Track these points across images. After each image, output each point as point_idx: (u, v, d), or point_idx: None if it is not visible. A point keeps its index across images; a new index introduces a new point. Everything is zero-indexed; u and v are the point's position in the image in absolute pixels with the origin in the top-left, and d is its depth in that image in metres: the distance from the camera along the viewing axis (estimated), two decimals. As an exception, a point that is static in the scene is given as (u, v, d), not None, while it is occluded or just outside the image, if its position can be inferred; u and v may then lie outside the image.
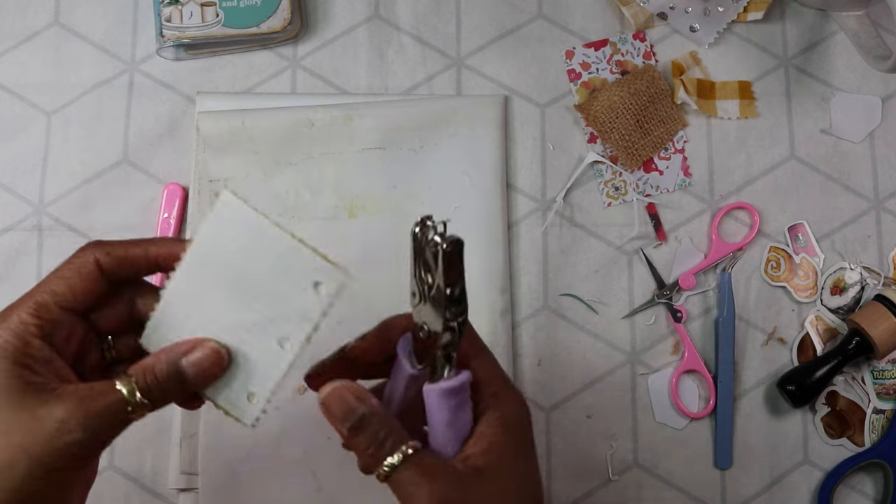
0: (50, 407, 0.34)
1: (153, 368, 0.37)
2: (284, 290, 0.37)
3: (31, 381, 0.35)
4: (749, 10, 0.68)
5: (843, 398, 0.64)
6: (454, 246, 0.36)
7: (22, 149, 0.66)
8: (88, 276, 0.37)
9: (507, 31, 0.69)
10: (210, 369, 0.38)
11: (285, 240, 0.37)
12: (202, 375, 0.38)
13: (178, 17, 0.66)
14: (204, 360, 0.38)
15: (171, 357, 0.37)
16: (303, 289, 0.37)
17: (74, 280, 0.37)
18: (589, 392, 0.64)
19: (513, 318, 0.64)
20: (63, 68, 0.68)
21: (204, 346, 0.38)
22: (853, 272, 0.65)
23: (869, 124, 0.68)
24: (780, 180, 0.67)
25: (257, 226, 0.37)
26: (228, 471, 0.61)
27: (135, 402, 0.36)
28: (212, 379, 0.38)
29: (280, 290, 0.37)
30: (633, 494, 0.63)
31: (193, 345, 0.38)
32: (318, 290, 0.37)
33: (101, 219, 0.65)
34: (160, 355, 0.38)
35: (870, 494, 0.63)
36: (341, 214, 0.64)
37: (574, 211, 0.66)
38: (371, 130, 0.65)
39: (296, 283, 0.37)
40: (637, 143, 0.66)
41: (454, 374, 0.38)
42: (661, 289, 0.65)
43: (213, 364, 0.38)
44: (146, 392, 0.36)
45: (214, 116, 0.65)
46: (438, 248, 0.36)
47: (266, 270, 0.37)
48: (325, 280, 0.37)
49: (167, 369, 0.37)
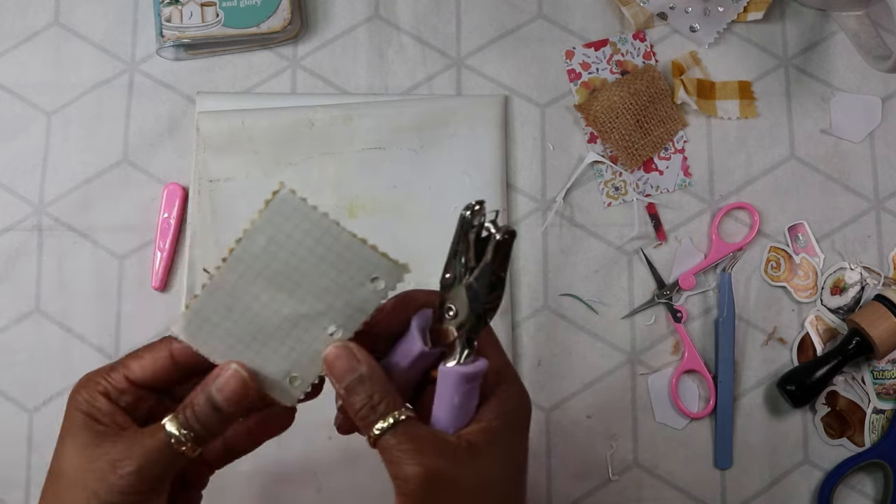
0: (106, 448, 0.38)
1: (192, 402, 0.39)
2: (339, 284, 0.38)
3: (94, 429, 0.38)
4: (749, 10, 0.68)
5: (843, 398, 0.64)
6: (510, 236, 0.37)
7: (22, 149, 0.66)
8: (160, 360, 0.40)
9: (507, 31, 0.69)
10: (236, 394, 0.39)
11: (346, 238, 0.37)
12: (232, 401, 0.39)
13: (178, 17, 0.66)
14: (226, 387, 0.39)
15: (205, 388, 0.39)
16: (360, 283, 0.38)
17: (147, 362, 0.40)
18: (589, 392, 0.64)
19: (513, 318, 0.64)
20: (63, 68, 0.68)
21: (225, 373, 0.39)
22: (853, 272, 0.65)
23: (869, 124, 0.68)
24: (780, 180, 0.67)
25: (317, 223, 0.37)
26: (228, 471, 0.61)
27: (178, 437, 0.38)
28: (245, 402, 0.39)
29: (335, 284, 0.38)
30: (633, 494, 0.63)
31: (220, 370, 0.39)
32: (375, 284, 0.38)
33: (101, 219, 0.65)
34: (198, 389, 0.39)
35: (870, 494, 0.63)
36: (341, 214, 0.64)
37: (574, 211, 0.66)
38: (371, 130, 0.65)
39: (352, 278, 0.38)
40: (637, 143, 0.66)
41: (472, 359, 0.38)
42: (661, 289, 0.65)
43: (235, 388, 0.39)
44: (187, 426, 0.38)
45: (214, 116, 0.65)
46: (493, 236, 0.37)
47: (322, 267, 0.37)
48: (383, 276, 0.38)
49: (200, 400, 0.39)
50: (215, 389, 0.39)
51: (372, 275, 0.38)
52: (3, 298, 0.64)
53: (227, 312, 0.39)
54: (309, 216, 0.37)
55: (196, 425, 0.38)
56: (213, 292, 0.38)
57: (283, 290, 0.38)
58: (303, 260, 0.37)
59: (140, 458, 0.38)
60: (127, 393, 0.40)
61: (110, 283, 0.65)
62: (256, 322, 0.39)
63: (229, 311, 0.39)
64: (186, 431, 0.38)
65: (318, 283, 0.38)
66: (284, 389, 0.40)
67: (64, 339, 0.64)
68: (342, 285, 0.38)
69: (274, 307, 0.38)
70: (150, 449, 0.38)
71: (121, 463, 0.37)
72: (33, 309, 0.64)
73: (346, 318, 0.38)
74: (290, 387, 0.40)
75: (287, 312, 0.38)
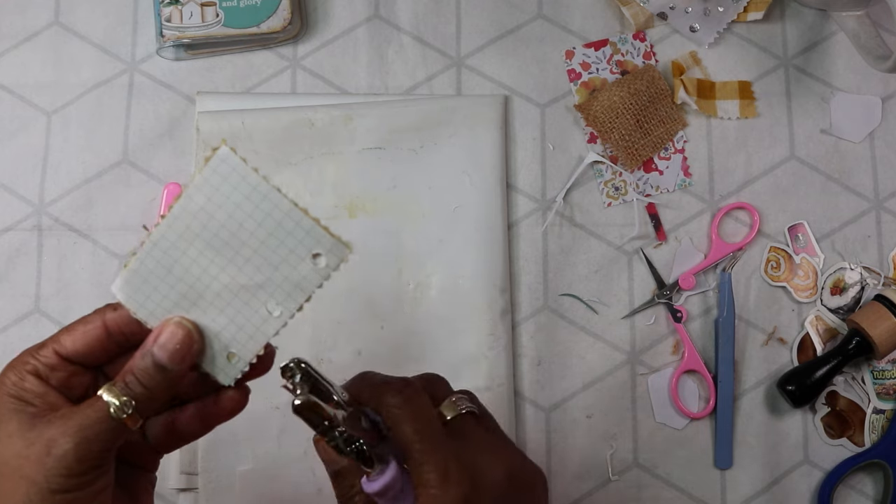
0: (39, 430, 0.36)
1: (132, 367, 0.37)
2: (280, 256, 0.37)
3: (25, 411, 0.36)
4: (749, 10, 0.68)
5: (843, 398, 0.64)
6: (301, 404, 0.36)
7: (22, 149, 0.66)
8: (92, 333, 0.38)
9: (507, 31, 0.69)
10: (182, 349, 0.37)
11: (286, 206, 0.36)
12: (178, 357, 0.37)
13: (178, 17, 0.66)
14: (171, 340, 0.37)
15: (145, 350, 0.37)
16: (300, 258, 0.37)
17: (78, 336, 0.38)
18: (589, 392, 0.64)
19: (513, 318, 0.64)
20: (63, 68, 0.68)
21: (168, 326, 0.37)
22: (853, 272, 0.65)
23: (869, 124, 0.68)
24: (780, 180, 0.67)
25: (257, 187, 0.36)
26: (228, 471, 0.61)
27: (119, 406, 0.36)
28: (190, 358, 0.37)
29: (275, 256, 0.37)
30: (633, 494, 0.63)
31: (160, 328, 0.37)
32: (316, 261, 0.37)
33: (101, 219, 0.65)
34: (137, 353, 0.37)
35: (870, 494, 0.63)
36: (341, 214, 0.64)
37: (574, 211, 0.66)
38: (371, 130, 0.65)
39: (293, 251, 0.37)
40: (637, 143, 0.66)
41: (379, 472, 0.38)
42: (661, 289, 0.65)
43: (182, 343, 0.37)
44: (128, 392, 0.36)
45: (214, 116, 0.65)
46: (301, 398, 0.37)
47: (261, 234, 0.36)
48: (325, 252, 0.37)
49: (142, 363, 0.37)
50: (157, 347, 0.37)
51: (313, 250, 0.37)
52: (3, 298, 0.64)
53: (165, 273, 0.37)
54: (247, 178, 0.36)
55: (138, 389, 0.36)
56: (152, 251, 0.37)
57: (222, 255, 0.37)
58: (241, 225, 0.36)
59: (76, 433, 0.35)
60: (58, 369, 0.37)
61: (110, 283, 0.64)
62: (196, 287, 0.37)
63: (168, 273, 0.37)
64: (126, 398, 0.36)
65: (258, 251, 0.37)
66: (222, 367, 0.38)
67: (64, 339, 0.64)
68: (283, 257, 0.37)
69: (213, 272, 0.37)
70: (88, 422, 0.35)
71: (56, 443, 0.35)
72: (33, 309, 0.64)
73: (286, 296, 0.37)
74: (228, 364, 0.38)
75: (226, 280, 0.37)
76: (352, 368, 0.62)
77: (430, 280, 0.64)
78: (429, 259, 0.64)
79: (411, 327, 0.63)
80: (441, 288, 0.64)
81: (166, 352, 0.37)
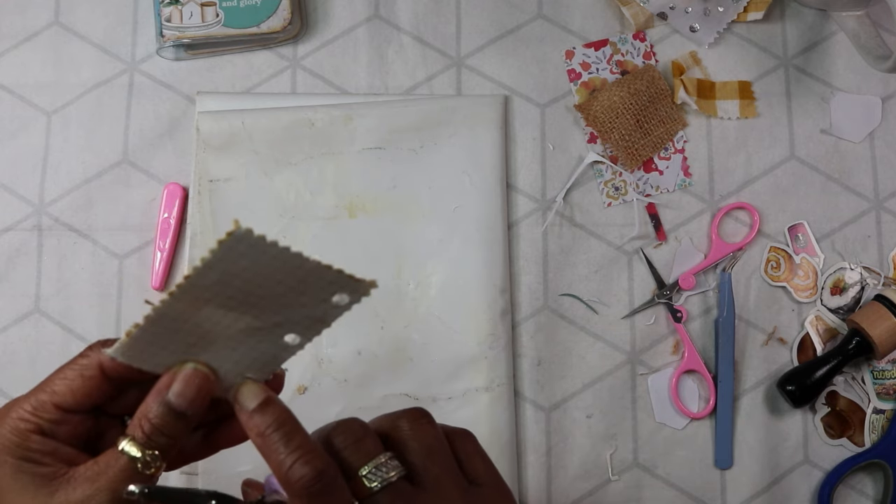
0: (64, 493, 0.33)
1: (146, 415, 0.35)
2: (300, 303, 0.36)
3: (38, 473, 0.34)
4: (749, 10, 0.68)
5: (843, 398, 0.64)
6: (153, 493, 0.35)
7: (22, 149, 0.66)
8: (91, 379, 0.36)
9: (507, 31, 0.69)
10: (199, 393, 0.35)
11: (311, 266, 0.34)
12: (198, 403, 0.35)
13: (178, 17, 0.66)
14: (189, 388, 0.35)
15: (159, 396, 0.35)
16: (322, 300, 0.36)
17: (76, 383, 0.36)
18: (589, 392, 0.64)
19: (513, 318, 0.64)
20: (63, 68, 0.68)
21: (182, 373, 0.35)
22: (853, 272, 0.65)
23: (869, 124, 0.68)
24: (780, 180, 0.67)
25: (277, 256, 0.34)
26: (228, 471, 0.61)
27: (144, 460, 0.34)
28: (206, 400, 0.36)
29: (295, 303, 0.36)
30: (633, 494, 0.63)
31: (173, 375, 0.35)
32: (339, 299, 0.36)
33: (101, 219, 0.65)
34: (149, 400, 0.35)
35: (870, 494, 0.63)
36: (341, 214, 0.64)
37: (574, 211, 0.66)
38: (371, 130, 0.65)
39: (314, 296, 0.35)
40: (637, 143, 0.66)
41: None
42: (661, 289, 0.65)
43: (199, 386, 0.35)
44: (150, 444, 0.34)
45: (214, 116, 0.65)
46: None
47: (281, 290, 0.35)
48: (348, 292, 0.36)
49: (158, 410, 0.35)
50: (175, 396, 0.35)
51: (336, 292, 0.35)
52: (3, 298, 0.64)
53: (172, 335, 0.35)
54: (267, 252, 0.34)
55: (160, 440, 0.35)
56: (158, 320, 0.35)
57: (237, 310, 0.35)
58: (259, 286, 0.35)
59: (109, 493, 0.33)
60: (62, 423, 0.35)
61: (110, 283, 0.65)
62: (207, 337, 0.36)
63: (175, 334, 0.35)
64: (150, 451, 0.34)
65: (277, 301, 0.35)
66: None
67: (64, 339, 0.64)
68: (303, 303, 0.35)
69: (226, 323, 0.35)
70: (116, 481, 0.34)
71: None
72: (33, 309, 0.64)
73: (305, 329, 0.36)
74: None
75: (241, 327, 0.36)
76: (352, 368, 0.62)
77: (430, 280, 0.64)
78: (429, 259, 0.64)
79: (411, 327, 0.63)
80: (441, 288, 0.64)
81: (185, 400, 0.35)
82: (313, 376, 0.62)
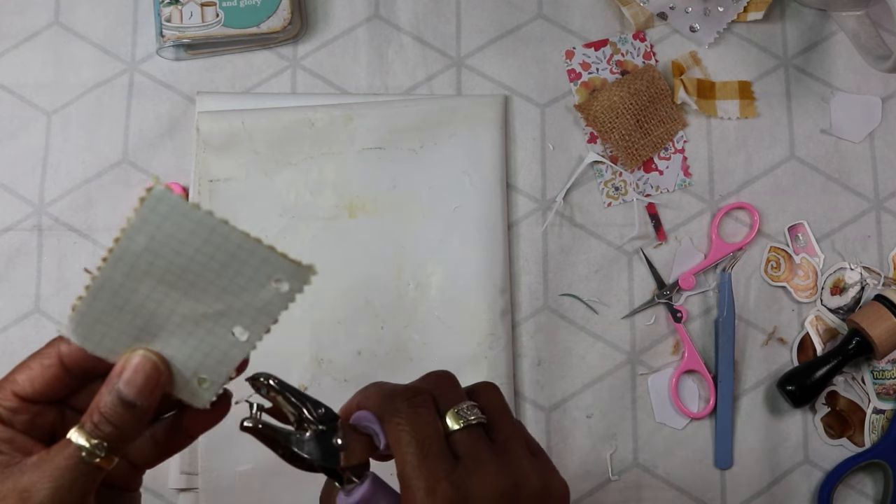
0: (13, 479, 0.34)
1: (97, 406, 0.35)
2: (238, 285, 0.35)
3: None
4: (749, 10, 0.68)
5: (843, 398, 0.64)
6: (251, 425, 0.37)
7: (22, 149, 0.66)
8: (49, 369, 0.36)
9: (507, 31, 0.69)
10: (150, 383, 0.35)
11: (238, 238, 0.34)
12: (146, 392, 0.35)
13: (178, 17, 0.66)
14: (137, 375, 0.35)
15: (110, 387, 0.35)
16: (261, 285, 0.35)
17: (35, 372, 0.36)
18: (589, 392, 0.64)
19: (513, 318, 0.64)
20: (63, 68, 0.68)
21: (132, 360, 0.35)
22: (853, 272, 0.65)
23: (869, 124, 0.68)
24: (780, 180, 0.67)
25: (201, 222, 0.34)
26: (228, 471, 0.61)
27: (90, 450, 0.34)
28: (159, 391, 0.36)
29: (233, 285, 0.35)
30: (633, 494, 0.63)
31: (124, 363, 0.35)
32: (279, 286, 0.35)
33: (101, 219, 0.65)
34: (101, 389, 0.35)
35: (870, 494, 0.63)
36: (341, 214, 0.64)
37: (574, 211, 0.66)
38: (371, 130, 0.65)
39: (252, 279, 0.35)
40: (637, 143, 0.66)
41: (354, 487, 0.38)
42: (661, 289, 0.65)
43: (150, 377, 0.35)
44: (98, 434, 0.34)
45: (214, 116, 0.65)
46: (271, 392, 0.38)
47: (215, 266, 0.35)
48: (286, 277, 0.35)
49: (109, 399, 0.35)
50: (123, 384, 0.35)
51: (273, 276, 0.35)
52: (3, 298, 0.64)
53: (117, 312, 0.35)
54: (190, 215, 0.33)
55: (108, 429, 0.34)
56: (98, 292, 0.35)
57: (176, 288, 0.35)
58: (192, 259, 0.34)
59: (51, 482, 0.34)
60: (21, 412, 0.36)
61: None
62: (154, 320, 0.35)
63: (120, 311, 0.35)
64: (98, 441, 0.34)
65: (214, 282, 0.35)
66: (194, 391, 0.37)
67: (64, 339, 0.64)
68: (241, 286, 0.35)
69: (169, 304, 0.35)
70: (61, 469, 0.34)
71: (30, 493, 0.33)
72: (33, 309, 0.64)
73: (251, 320, 0.36)
74: (199, 388, 0.37)
75: (185, 311, 0.35)
76: (352, 368, 0.62)
77: (430, 280, 0.64)
78: (429, 259, 0.64)
79: (411, 327, 0.63)
80: (441, 288, 0.64)
81: (134, 388, 0.35)
82: (313, 376, 0.62)
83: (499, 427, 0.38)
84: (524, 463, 0.37)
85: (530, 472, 0.37)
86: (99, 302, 0.35)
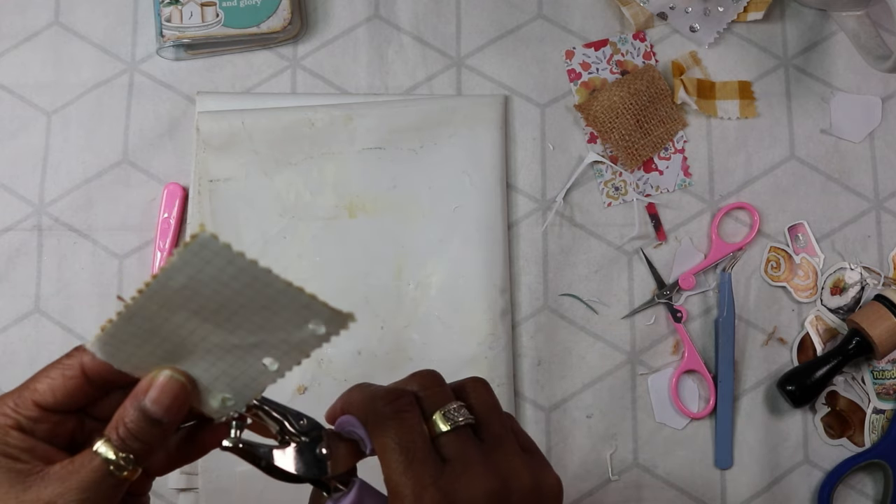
0: (37, 490, 0.34)
1: (123, 419, 0.35)
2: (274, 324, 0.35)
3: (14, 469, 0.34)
4: (749, 10, 0.68)
5: (843, 398, 0.64)
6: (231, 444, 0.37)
7: (22, 149, 0.66)
8: (71, 380, 0.36)
9: (507, 31, 0.69)
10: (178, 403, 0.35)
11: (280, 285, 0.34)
12: (173, 411, 0.35)
13: (178, 17, 0.66)
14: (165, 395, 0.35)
15: (137, 403, 0.35)
16: (297, 326, 0.35)
17: (57, 382, 0.36)
18: (589, 392, 0.64)
19: (513, 318, 0.64)
20: (63, 68, 0.68)
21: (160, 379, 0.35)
22: (853, 272, 0.65)
23: (869, 124, 0.68)
24: (780, 180, 0.67)
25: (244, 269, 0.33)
26: (228, 471, 0.61)
27: (117, 462, 0.34)
28: (185, 409, 0.36)
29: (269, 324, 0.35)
30: (633, 494, 0.63)
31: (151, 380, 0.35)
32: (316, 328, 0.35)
33: (101, 219, 0.65)
34: (126, 403, 0.35)
35: (870, 494, 0.63)
36: (341, 214, 0.64)
37: (574, 211, 0.66)
38: (371, 130, 0.65)
39: (289, 320, 0.35)
40: (637, 143, 0.66)
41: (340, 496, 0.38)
42: (661, 289, 0.65)
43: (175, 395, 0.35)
44: (124, 447, 0.34)
45: (214, 116, 0.65)
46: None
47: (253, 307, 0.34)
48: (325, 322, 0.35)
49: (134, 415, 0.35)
50: (151, 402, 0.35)
51: (311, 319, 0.35)
52: (3, 298, 0.64)
53: (148, 336, 0.35)
54: (234, 262, 0.33)
55: (134, 444, 0.35)
56: (131, 318, 0.35)
57: (211, 321, 0.35)
58: (230, 299, 0.34)
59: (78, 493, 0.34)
60: (42, 421, 0.35)
61: (110, 283, 0.64)
62: (184, 346, 0.35)
63: (151, 335, 0.35)
64: (125, 454, 0.34)
65: (250, 318, 0.35)
66: (217, 408, 0.37)
67: (64, 339, 0.64)
68: (278, 325, 0.35)
69: (201, 333, 0.35)
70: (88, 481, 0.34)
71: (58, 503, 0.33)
72: (33, 309, 0.64)
73: (283, 354, 0.36)
74: (222, 405, 0.37)
75: (217, 340, 0.35)
76: (352, 368, 0.62)
77: (430, 280, 0.64)
78: (429, 259, 0.64)
79: (411, 327, 0.63)
80: (441, 288, 0.64)
81: (161, 407, 0.35)
82: (313, 376, 0.62)
83: (487, 425, 0.38)
84: (514, 461, 0.37)
85: (521, 469, 0.37)
86: (130, 326, 0.35)
